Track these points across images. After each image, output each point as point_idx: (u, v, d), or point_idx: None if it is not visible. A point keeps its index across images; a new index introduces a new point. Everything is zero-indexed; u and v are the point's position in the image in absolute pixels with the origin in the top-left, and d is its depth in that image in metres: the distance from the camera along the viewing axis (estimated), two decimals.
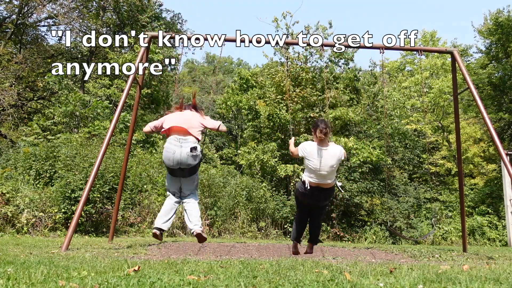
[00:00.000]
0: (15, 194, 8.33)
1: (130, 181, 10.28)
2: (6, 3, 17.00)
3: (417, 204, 15.27)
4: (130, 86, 6.07)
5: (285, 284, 2.40)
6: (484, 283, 2.51)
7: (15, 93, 14.52)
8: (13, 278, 2.37)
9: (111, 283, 2.30)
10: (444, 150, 18.79)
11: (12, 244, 5.55)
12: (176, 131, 4.49)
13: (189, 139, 4.43)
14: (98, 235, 8.58)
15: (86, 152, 9.81)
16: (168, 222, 4.68)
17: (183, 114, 4.69)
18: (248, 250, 6.25)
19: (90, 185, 5.49)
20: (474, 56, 21.94)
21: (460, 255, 5.96)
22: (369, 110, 16.40)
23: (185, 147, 4.36)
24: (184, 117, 4.61)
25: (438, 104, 19.61)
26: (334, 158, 4.55)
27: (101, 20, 17.94)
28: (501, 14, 17.73)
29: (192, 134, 4.47)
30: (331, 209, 13.84)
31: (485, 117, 5.79)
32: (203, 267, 3.14)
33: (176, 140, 4.41)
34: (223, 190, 11.42)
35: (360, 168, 13.98)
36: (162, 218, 4.64)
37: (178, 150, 4.34)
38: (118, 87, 16.03)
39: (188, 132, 4.47)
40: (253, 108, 16.58)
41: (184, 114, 4.68)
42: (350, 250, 6.72)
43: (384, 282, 2.47)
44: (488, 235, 13.70)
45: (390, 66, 25.49)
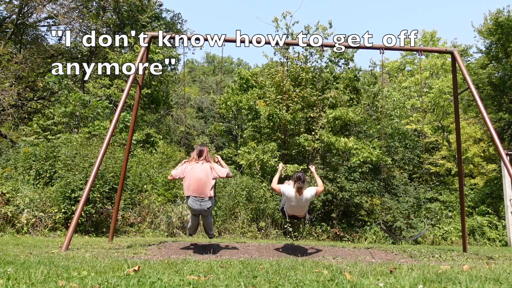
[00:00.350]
0: (15, 194, 8.33)
1: (130, 181, 10.28)
2: (6, 3, 17.00)
3: (417, 204, 15.27)
4: (130, 86, 6.07)
5: (285, 284, 2.40)
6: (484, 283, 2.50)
7: (15, 93, 14.52)
8: (13, 278, 2.37)
9: (111, 283, 2.30)
10: (444, 150, 18.79)
11: (12, 244, 5.55)
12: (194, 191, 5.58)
13: (205, 199, 5.59)
14: (98, 235, 8.58)
15: (86, 152, 9.81)
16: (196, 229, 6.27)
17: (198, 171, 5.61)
18: (248, 250, 6.25)
19: (90, 185, 5.49)
20: (474, 56, 21.97)
21: (460, 255, 5.96)
22: (369, 110, 16.39)
23: (203, 206, 5.60)
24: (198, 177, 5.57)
25: (438, 104, 19.61)
26: (307, 201, 5.95)
27: (101, 20, 17.95)
28: (501, 14, 17.74)
29: (207, 194, 5.59)
30: (331, 209, 13.84)
31: (485, 117, 5.79)
32: (203, 267, 3.14)
33: (196, 200, 5.57)
34: (223, 190, 11.42)
35: (360, 168, 13.98)
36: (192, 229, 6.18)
37: (199, 208, 5.61)
38: (118, 87, 16.04)
39: (203, 193, 5.57)
40: (253, 108, 16.58)
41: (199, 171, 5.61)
42: (350, 250, 6.72)
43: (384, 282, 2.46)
44: (488, 235, 13.70)
45: (390, 66, 25.50)
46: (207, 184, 5.58)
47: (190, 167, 5.66)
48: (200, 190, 5.56)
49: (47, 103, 18.09)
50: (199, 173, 5.60)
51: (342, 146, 13.41)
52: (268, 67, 19.51)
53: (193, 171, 5.62)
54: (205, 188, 5.57)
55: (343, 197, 13.57)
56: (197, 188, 5.56)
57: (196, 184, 5.56)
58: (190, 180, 5.59)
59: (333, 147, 13.82)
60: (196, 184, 5.56)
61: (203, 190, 5.57)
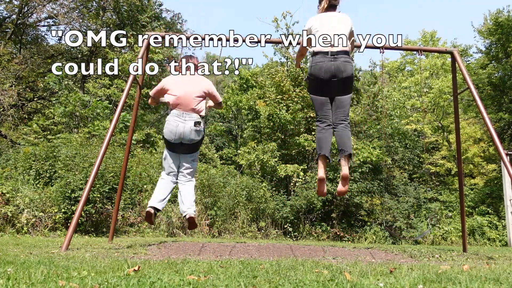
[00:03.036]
0: (15, 194, 8.33)
1: (130, 181, 10.28)
2: (6, 3, 17.01)
3: (417, 204, 15.28)
4: (130, 86, 6.07)
5: (285, 284, 2.40)
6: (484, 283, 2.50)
7: (15, 93, 14.52)
8: (13, 278, 2.37)
9: (111, 283, 2.30)
10: (444, 150, 18.79)
11: (12, 244, 5.55)
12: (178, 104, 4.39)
13: (192, 115, 4.39)
14: (98, 235, 8.58)
15: (86, 152, 9.81)
16: (164, 201, 4.56)
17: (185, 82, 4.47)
18: (248, 250, 6.25)
19: (90, 185, 5.49)
20: (474, 56, 21.97)
21: (460, 255, 5.96)
22: (369, 110, 16.39)
23: (188, 121, 4.33)
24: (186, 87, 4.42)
25: (438, 104, 19.61)
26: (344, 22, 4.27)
27: (101, 20, 17.95)
28: (501, 14, 17.74)
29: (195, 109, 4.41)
30: (331, 209, 13.84)
31: (485, 117, 5.78)
32: (203, 267, 3.14)
33: (179, 116, 4.37)
34: (223, 190, 11.43)
35: (360, 168, 13.98)
36: (157, 197, 4.53)
37: (181, 124, 4.31)
38: (118, 87, 16.03)
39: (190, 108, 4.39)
40: (253, 108, 16.58)
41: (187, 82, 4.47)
42: (350, 250, 6.72)
43: (384, 282, 2.47)
44: (488, 235, 13.71)
45: (390, 66, 25.50)
46: (195, 98, 4.41)
47: (172, 79, 4.53)
48: (185, 103, 4.34)
49: (47, 103, 18.10)
50: (188, 83, 4.44)
51: None
52: (268, 67, 19.51)
53: (178, 82, 4.49)
54: (192, 101, 4.37)
55: (343, 197, 13.58)
56: (183, 102, 4.34)
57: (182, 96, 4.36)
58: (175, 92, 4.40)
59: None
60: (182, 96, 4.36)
61: (189, 103, 4.35)
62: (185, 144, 4.42)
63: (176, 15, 21.40)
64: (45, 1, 16.46)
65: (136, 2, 17.71)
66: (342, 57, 4.16)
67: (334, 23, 4.26)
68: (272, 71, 16.21)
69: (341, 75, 4.13)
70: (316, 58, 4.19)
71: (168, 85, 4.53)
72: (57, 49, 18.83)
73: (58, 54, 18.86)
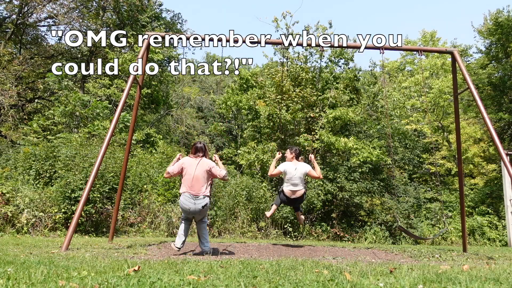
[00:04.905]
0: (15, 194, 8.33)
1: (130, 181, 10.28)
2: (6, 3, 17.00)
3: (417, 204, 15.27)
4: (130, 86, 6.07)
5: (285, 284, 2.39)
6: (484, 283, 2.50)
7: (15, 93, 14.52)
8: (13, 278, 2.37)
9: (111, 283, 2.29)
10: (444, 150, 18.79)
11: (12, 244, 5.55)
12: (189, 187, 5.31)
13: (200, 197, 5.30)
14: (98, 235, 8.58)
15: (86, 152, 9.81)
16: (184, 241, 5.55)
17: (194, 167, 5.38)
18: (248, 250, 6.25)
19: (90, 185, 5.49)
20: (474, 56, 21.98)
21: (460, 255, 5.96)
22: (369, 110, 16.39)
23: (198, 204, 5.29)
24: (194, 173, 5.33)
25: (438, 104, 19.61)
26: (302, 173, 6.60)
27: (101, 20, 17.95)
28: (501, 14, 17.74)
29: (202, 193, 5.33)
30: (331, 209, 13.84)
31: (485, 117, 5.78)
32: (203, 267, 3.14)
33: (189, 198, 5.29)
34: (223, 190, 11.43)
35: (360, 168, 13.98)
36: (180, 239, 5.48)
37: (193, 207, 5.29)
38: (118, 87, 16.04)
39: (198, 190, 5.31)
40: (253, 108, 16.58)
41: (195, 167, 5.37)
42: (350, 250, 6.72)
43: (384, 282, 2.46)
44: (488, 235, 13.71)
45: (390, 66, 25.50)
46: (203, 181, 5.34)
47: (186, 161, 5.44)
48: (195, 187, 5.29)
49: (47, 103, 18.10)
50: (196, 169, 5.34)
51: (342, 146, 13.42)
52: (268, 67, 19.52)
53: (189, 167, 5.38)
54: (200, 186, 5.31)
55: (343, 197, 13.57)
56: (192, 185, 5.29)
57: (191, 181, 5.30)
58: (186, 176, 5.36)
59: (333, 147, 13.83)
60: (191, 181, 5.30)
61: (198, 187, 5.30)
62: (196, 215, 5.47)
63: (176, 15, 21.43)
64: (45, 1, 16.46)
65: (136, 2, 17.72)
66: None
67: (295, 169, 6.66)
68: (272, 71, 16.20)
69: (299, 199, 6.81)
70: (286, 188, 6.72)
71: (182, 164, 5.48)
72: (57, 49, 18.83)
73: (58, 54, 18.87)
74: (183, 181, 5.38)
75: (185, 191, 5.31)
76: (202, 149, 5.58)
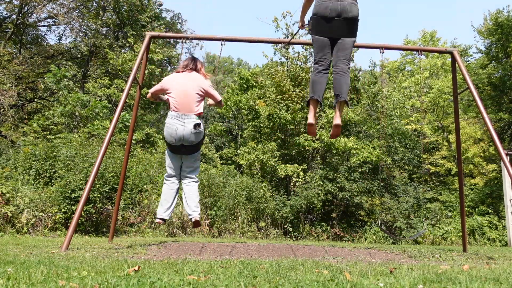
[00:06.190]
0: (15, 194, 8.33)
1: (130, 181, 10.28)
2: (6, 3, 17.00)
3: (417, 204, 15.28)
4: (130, 86, 6.07)
5: (285, 284, 2.39)
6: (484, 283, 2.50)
7: (15, 93, 14.52)
8: (13, 278, 2.37)
9: (111, 283, 2.29)
10: (444, 150, 18.80)
11: (12, 244, 5.54)
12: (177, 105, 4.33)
13: (191, 116, 4.29)
14: (98, 235, 8.58)
15: (86, 152, 9.81)
16: (169, 210, 4.59)
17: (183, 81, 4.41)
18: (248, 250, 6.25)
19: (90, 185, 5.48)
20: (474, 56, 21.99)
21: (460, 255, 5.96)
22: (369, 110, 16.39)
23: (188, 124, 4.24)
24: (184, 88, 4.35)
25: (438, 104, 19.62)
26: None
27: (101, 20, 17.95)
28: (501, 14, 17.75)
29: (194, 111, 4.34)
30: (331, 209, 13.85)
31: (485, 117, 5.78)
32: (203, 267, 3.14)
33: (177, 116, 4.28)
34: (223, 190, 11.43)
35: (360, 168, 13.99)
36: (163, 207, 4.57)
37: (181, 127, 4.23)
38: (118, 87, 16.04)
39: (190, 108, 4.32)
40: (253, 108, 16.58)
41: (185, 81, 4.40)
42: (350, 250, 6.72)
43: (384, 282, 2.46)
44: (488, 235, 13.71)
45: (390, 66, 25.50)
46: (194, 97, 4.33)
47: (172, 78, 4.46)
48: (185, 105, 4.28)
49: (47, 103, 18.10)
50: (186, 82, 4.36)
51: (342, 146, 13.43)
52: (268, 67, 19.52)
53: (176, 81, 4.41)
54: (191, 103, 4.30)
55: (343, 197, 13.57)
56: (181, 103, 4.28)
57: (180, 97, 4.30)
58: (174, 93, 4.36)
59: (333, 147, 13.84)
60: (180, 97, 4.30)
61: (189, 105, 4.29)
62: (186, 146, 4.37)
63: (176, 15, 21.43)
64: (45, 1, 16.46)
65: (136, 2, 17.71)
66: None
67: None
68: (272, 71, 16.21)
69: (346, 15, 4.02)
70: None
71: (167, 85, 4.48)
72: (57, 49, 18.83)
73: (58, 54, 18.87)
74: (170, 102, 4.35)
75: (173, 109, 4.31)
76: (193, 61, 4.57)
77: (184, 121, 4.23)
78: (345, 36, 4.14)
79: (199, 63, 4.66)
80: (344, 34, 4.12)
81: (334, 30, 4.10)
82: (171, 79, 4.52)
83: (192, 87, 4.37)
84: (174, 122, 4.25)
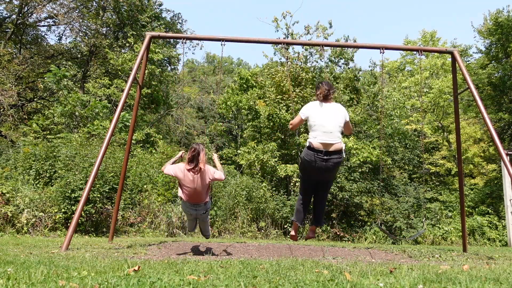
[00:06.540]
0: (15, 194, 8.33)
1: (130, 181, 10.28)
2: (6, 3, 17.00)
3: (417, 204, 15.28)
4: (130, 86, 6.07)
5: (285, 284, 2.39)
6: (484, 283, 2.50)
7: (15, 93, 14.52)
8: (13, 278, 2.36)
9: (111, 283, 2.29)
10: (444, 150, 18.79)
11: (12, 244, 5.54)
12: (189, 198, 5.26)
13: (201, 205, 5.32)
14: (98, 235, 8.58)
15: (86, 152, 9.81)
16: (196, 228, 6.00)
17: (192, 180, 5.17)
18: (248, 250, 6.25)
19: (90, 185, 5.48)
20: (474, 56, 21.97)
21: (460, 255, 5.96)
22: (369, 110, 16.39)
23: (199, 210, 5.37)
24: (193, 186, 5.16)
25: (438, 104, 19.61)
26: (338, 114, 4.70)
27: (101, 20, 17.95)
28: (501, 14, 17.74)
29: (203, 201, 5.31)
30: (331, 209, 13.84)
31: (485, 117, 5.78)
32: (203, 267, 3.14)
33: (191, 207, 5.32)
34: (223, 190, 11.43)
35: (360, 168, 13.98)
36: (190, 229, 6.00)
37: (194, 213, 5.40)
38: (118, 87, 16.04)
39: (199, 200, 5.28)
40: (253, 108, 16.58)
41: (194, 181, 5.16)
42: (350, 250, 6.72)
43: (384, 282, 2.46)
44: (488, 235, 13.70)
45: (390, 66, 25.48)
46: (202, 192, 5.24)
47: (182, 174, 5.15)
48: (196, 199, 5.24)
49: (46, 103, 18.10)
50: (194, 182, 5.15)
51: None
52: (268, 67, 19.53)
53: (187, 179, 5.14)
54: (200, 196, 5.24)
55: (343, 197, 13.57)
56: (192, 198, 5.23)
57: (191, 195, 5.21)
58: (185, 188, 5.21)
59: None
60: (191, 195, 5.21)
61: (198, 198, 5.24)
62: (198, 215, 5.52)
63: (176, 15, 21.42)
64: (45, 1, 16.46)
65: (136, 2, 17.72)
66: (335, 158, 4.58)
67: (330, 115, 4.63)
68: (272, 71, 16.22)
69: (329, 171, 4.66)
70: (310, 152, 4.59)
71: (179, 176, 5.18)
72: (57, 49, 18.83)
73: (58, 54, 18.86)
74: (183, 190, 5.26)
75: (186, 200, 5.27)
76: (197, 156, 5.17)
77: (196, 209, 5.35)
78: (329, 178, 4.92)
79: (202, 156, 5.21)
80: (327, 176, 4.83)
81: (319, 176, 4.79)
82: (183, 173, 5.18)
83: (202, 186, 5.18)
84: (189, 209, 5.37)
